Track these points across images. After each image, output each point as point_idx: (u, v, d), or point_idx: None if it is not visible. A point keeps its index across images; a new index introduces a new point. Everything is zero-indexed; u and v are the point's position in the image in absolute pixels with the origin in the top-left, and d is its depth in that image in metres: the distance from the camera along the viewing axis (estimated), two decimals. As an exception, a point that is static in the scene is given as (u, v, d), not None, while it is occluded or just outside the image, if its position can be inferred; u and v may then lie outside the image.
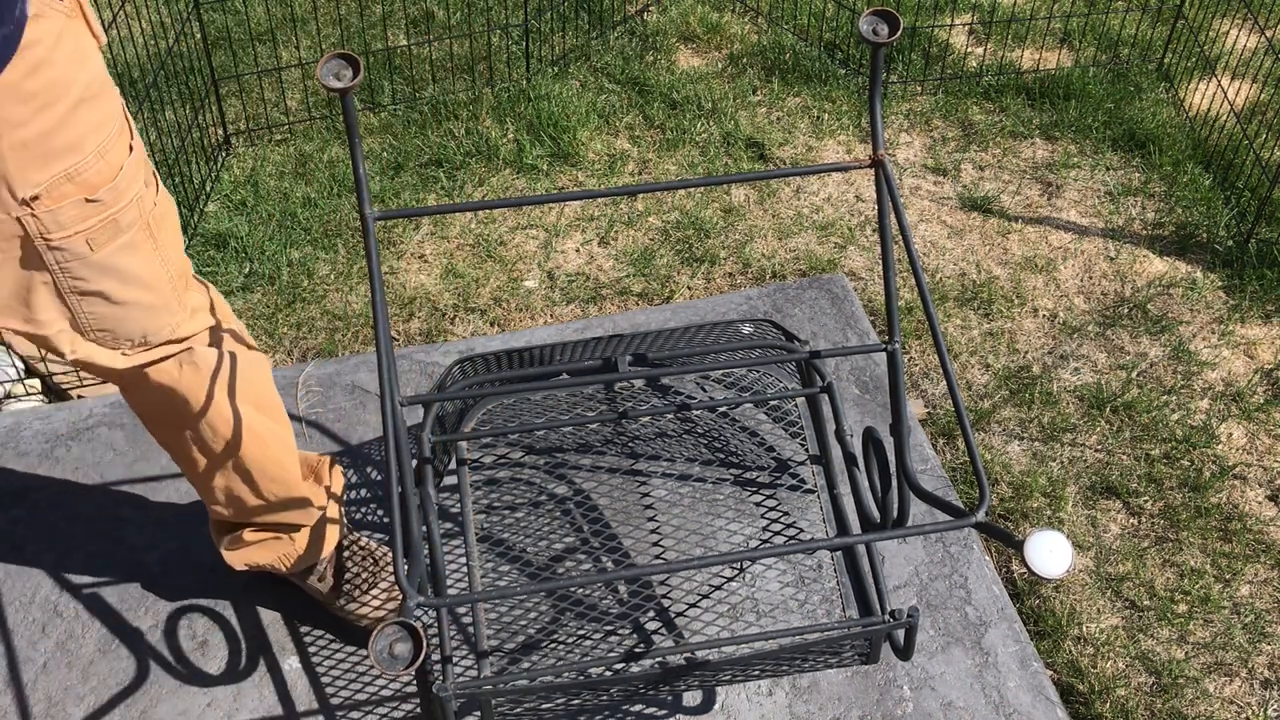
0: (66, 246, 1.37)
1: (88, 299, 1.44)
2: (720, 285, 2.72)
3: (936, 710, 1.91)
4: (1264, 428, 2.43)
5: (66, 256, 1.38)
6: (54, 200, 1.33)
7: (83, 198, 1.35)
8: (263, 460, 1.73)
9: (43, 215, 1.33)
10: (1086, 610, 2.12)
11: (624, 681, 1.44)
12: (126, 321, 1.50)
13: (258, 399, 1.73)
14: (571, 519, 1.99)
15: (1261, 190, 2.84)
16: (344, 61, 1.22)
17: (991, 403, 2.46)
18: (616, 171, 2.99)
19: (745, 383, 2.01)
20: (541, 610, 1.89)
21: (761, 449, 2.07)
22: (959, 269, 2.77)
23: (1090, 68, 3.31)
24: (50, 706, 1.88)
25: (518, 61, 3.27)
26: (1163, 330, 2.62)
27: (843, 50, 3.38)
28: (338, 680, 1.92)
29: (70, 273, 1.40)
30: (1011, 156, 3.08)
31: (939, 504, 1.36)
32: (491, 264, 2.74)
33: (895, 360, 1.47)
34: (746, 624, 1.96)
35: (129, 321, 1.50)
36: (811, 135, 3.12)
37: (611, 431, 2.06)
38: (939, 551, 2.12)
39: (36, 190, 1.31)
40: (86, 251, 1.39)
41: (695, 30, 3.45)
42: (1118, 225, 2.89)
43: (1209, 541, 2.23)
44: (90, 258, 1.40)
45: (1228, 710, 2.00)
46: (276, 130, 3.08)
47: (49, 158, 1.31)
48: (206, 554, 2.03)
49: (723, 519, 2.01)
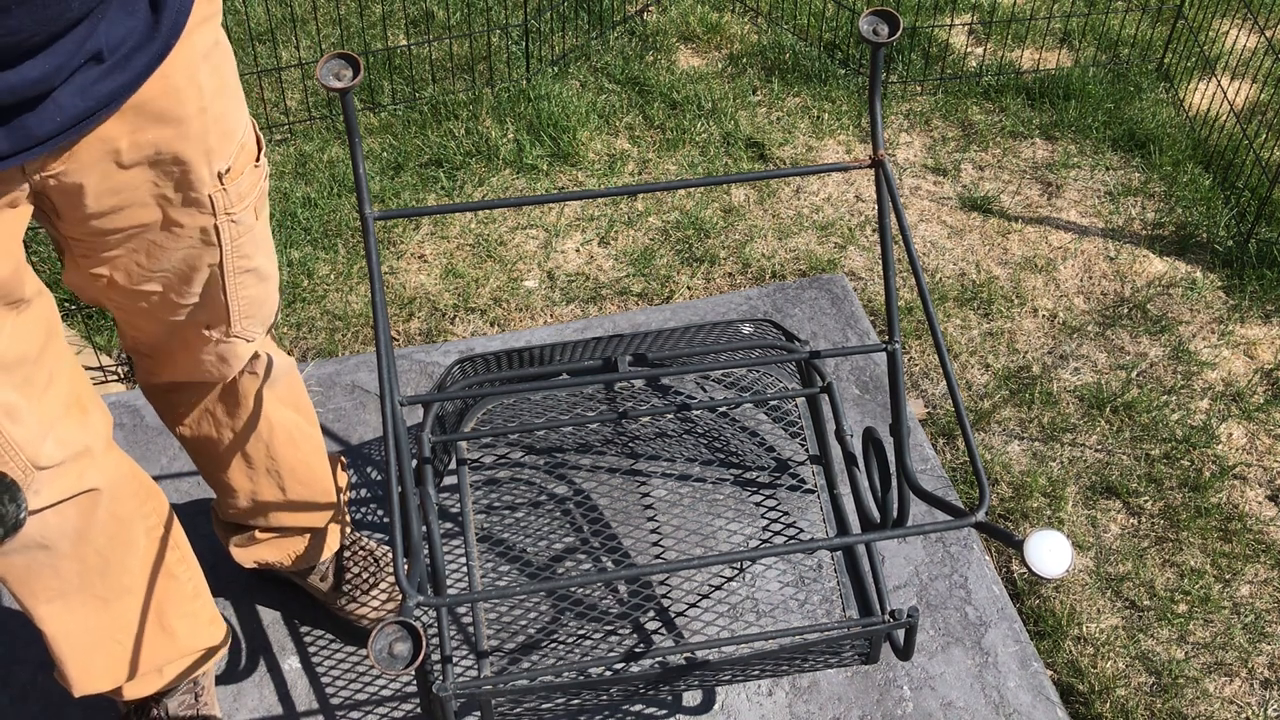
0: (241, 219, 1.37)
1: (244, 279, 1.44)
2: (720, 285, 2.72)
3: (936, 710, 1.91)
4: (1264, 428, 2.43)
5: (239, 231, 1.38)
6: (237, 171, 1.34)
7: (252, 164, 1.36)
8: (294, 463, 1.74)
9: (230, 189, 1.33)
10: (1086, 610, 2.12)
11: (624, 681, 1.44)
12: (267, 302, 1.52)
13: (297, 402, 1.74)
14: (571, 519, 1.99)
15: (1261, 190, 2.84)
16: (344, 61, 1.22)
17: (991, 403, 2.46)
18: (616, 171, 2.99)
19: (745, 383, 2.01)
20: (541, 610, 1.89)
21: (761, 449, 2.07)
22: (959, 269, 2.77)
23: (1090, 68, 3.31)
24: (48, 707, 1.88)
25: (518, 61, 3.27)
26: (1163, 330, 2.62)
27: (843, 50, 3.38)
28: (338, 680, 1.92)
29: (239, 250, 1.40)
30: (1011, 156, 3.08)
31: (939, 504, 1.36)
32: (491, 264, 2.74)
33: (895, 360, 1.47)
34: (746, 624, 1.96)
35: (269, 302, 1.52)
36: (811, 135, 3.12)
37: (611, 431, 2.06)
38: (939, 551, 2.12)
39: (229, 163, 1.31)
40: (253, 221, 1.40)
41: (695, 30, 3.45)
42: (1118, 225, 2.89)
43: (1209, 541, 2.23)
44: (254, 229, 1.41)
45: (1228, 710, 2.00)
46: (276, 130, 3.08)
47: (234, 127, 1.32)
48: (206, 553, 2.03)
49: (723, 519, 2.01)
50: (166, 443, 2.25)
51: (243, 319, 1.49)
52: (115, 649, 1.57)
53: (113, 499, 1.42)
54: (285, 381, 1.69)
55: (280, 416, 1.69)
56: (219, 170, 1.31)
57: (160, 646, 1.61)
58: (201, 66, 1.24)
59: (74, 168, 1.19)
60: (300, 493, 1.76)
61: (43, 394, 1.27)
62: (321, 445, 1.80)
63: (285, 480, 1.74)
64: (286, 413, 1.70)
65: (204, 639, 1.69)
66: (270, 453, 1.70)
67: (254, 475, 1.72)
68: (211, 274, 1.40)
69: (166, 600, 1.60)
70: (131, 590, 1.54)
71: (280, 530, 1.81)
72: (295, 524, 1.80)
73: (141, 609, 1.56)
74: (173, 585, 1.61)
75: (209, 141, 1.28)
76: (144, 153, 1.23)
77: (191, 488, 2.17)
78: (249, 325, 1.51)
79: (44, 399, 1.27)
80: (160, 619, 1.59)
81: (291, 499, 1.76)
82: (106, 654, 1.56)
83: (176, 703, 1.74)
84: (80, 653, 1.54)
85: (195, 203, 1.31)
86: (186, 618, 1.64)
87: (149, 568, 1.55)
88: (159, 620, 1.59)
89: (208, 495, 2.14)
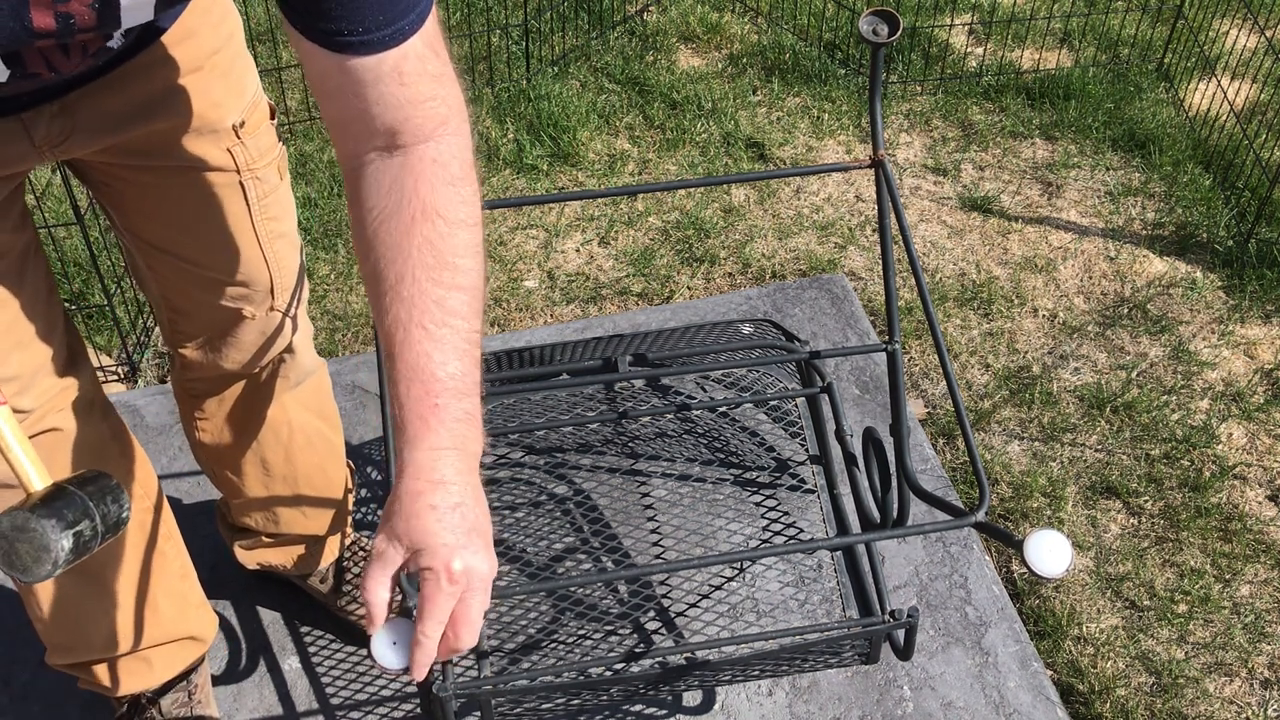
0: (264, 176, 1.39)
1: (279, 245, 1.46)
2: (720, 285, 2.72)
3: (936, 710, 1.91)
4: (1264, 428, 2.43)
5: (264, 190, 1.40)
6: (254, 125, 1.36)
7: (268, 121, 1.39)
8: (309, 469, 1.74)
9: (248, 143, 1.35)
10: (1086, 610, 2.12)
11: (624, 681, 1.44)
12: (300, 274, 1.53)
13: (321, 406, 1.74)
14: (571, 519, 1.99)
15: (1261, 190, 2.84)
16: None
17: (991, 403, 2.46)
18: (616, 171, 2.99)
19: (745, 383, 2.01)
20: (541, 610, 1.89)
21: (761, 449, 2.07)
22: (959, 269, 2.77)
23: (1090, 68, 3.31)
24: (48, 707, 1.88)
25: (518, 61, 3.27)
26: (1163, 330, 2.62)
27: (843, 50, 3.38)
28: (338, 680, 1.92)
29: (266, 212, 1.41)
30: (1011, 156, 3.08)
31: (939, 504, 1.36)
32: (491, 264, 2.74)
33: (895, 360, 1.47)
34: (746, 624, 1.96)
35: (301, 274, 1.54)
36: (811, 135, 3.12)
37: (611, 431, 2.05)
38: (939, 551, 2.12)
39: (243, 116, 1.33)
40: (277, 180, 1.42)
41: (695, 30, 3.45)
42: (1118, 225, 2.89)
43: (1209, 541, 2.23)
44: (279, 189, 1.43)
45: (1228, 710, 2.00)
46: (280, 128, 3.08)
47: (244, 82, 1.34)
48: (207, 554, 2.03)
49: (723, 519, 2.01)
50: (166, 443, 2.25)
51: (283, 291, 1.50)
52: (96, 617, 1.56)
53: (91, 451, 1.42)
54: (311, 384, 1.69)
55: (302, 420, 1.69)
56: (233, 122, 1.33)
57: (144, 623, 1.61)
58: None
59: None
60: (312, 499, 1.76)
61: (27, 346, 1.30)
62: (339, 450, 1.79)
63: (300, 486, 1.74)
64: (308, 417, 1.70)
65: (191, 624, 1.69)
66: (288, 457, 1.70)
67: (270, 482, 1.72)
68: (248, 238, 1.42)
69: (152, 576, 1.59)
70: (115, 560, 1.54)
71: (288, 536, 1.82)
72: (304, 530, 1.80)
73: (125, 580, 1.56)
74: (160, 562, 1.60)
75: (215, 95, 1.30)
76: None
77: (192, 488, 2.17)
78: (288, 299, 1.52)
79: (27, 351, 1.30)
80: (145, 593, 1.59)
81: (303, 506, 1.77)
82: (86, 622, 1.56)
83: (170, 701, 1.74)
84: (57, 618, 1.54)
85: (218, 159, 1.34)
86: (173, 597, 1.64)
87: (134, 540, 1.56)
88: (144, 595, 1.59)
89: (209, 495, 2.14)
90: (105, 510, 0.97)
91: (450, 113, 1.08)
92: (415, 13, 1.01)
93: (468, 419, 1.05)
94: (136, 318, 2.55)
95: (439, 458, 1.02)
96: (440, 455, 1.02)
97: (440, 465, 1.02)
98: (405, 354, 1.04)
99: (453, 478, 1.02)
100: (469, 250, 1.07)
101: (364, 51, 1.00)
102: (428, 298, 1.04)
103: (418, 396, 1.03)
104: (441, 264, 1.05)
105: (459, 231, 1.06)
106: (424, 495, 1.01)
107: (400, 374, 1.04)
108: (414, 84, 1.04)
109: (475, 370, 1.07)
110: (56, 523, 0.93)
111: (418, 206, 1.05)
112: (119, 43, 1.12)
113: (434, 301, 1.04)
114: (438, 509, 1.00)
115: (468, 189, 1.08)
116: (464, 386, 1.05)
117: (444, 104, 1.07)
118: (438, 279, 1.05)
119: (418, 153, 1.06)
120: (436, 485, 1.01)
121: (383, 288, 1.06)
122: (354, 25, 0.99)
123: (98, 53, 1.11)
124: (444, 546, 1.00)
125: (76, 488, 0.96)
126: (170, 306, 1.50)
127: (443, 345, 1.04)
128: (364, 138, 1.07)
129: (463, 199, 1.08)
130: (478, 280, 1.08)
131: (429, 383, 1.03)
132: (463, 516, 1.02)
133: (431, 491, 1.01)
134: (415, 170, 1.06)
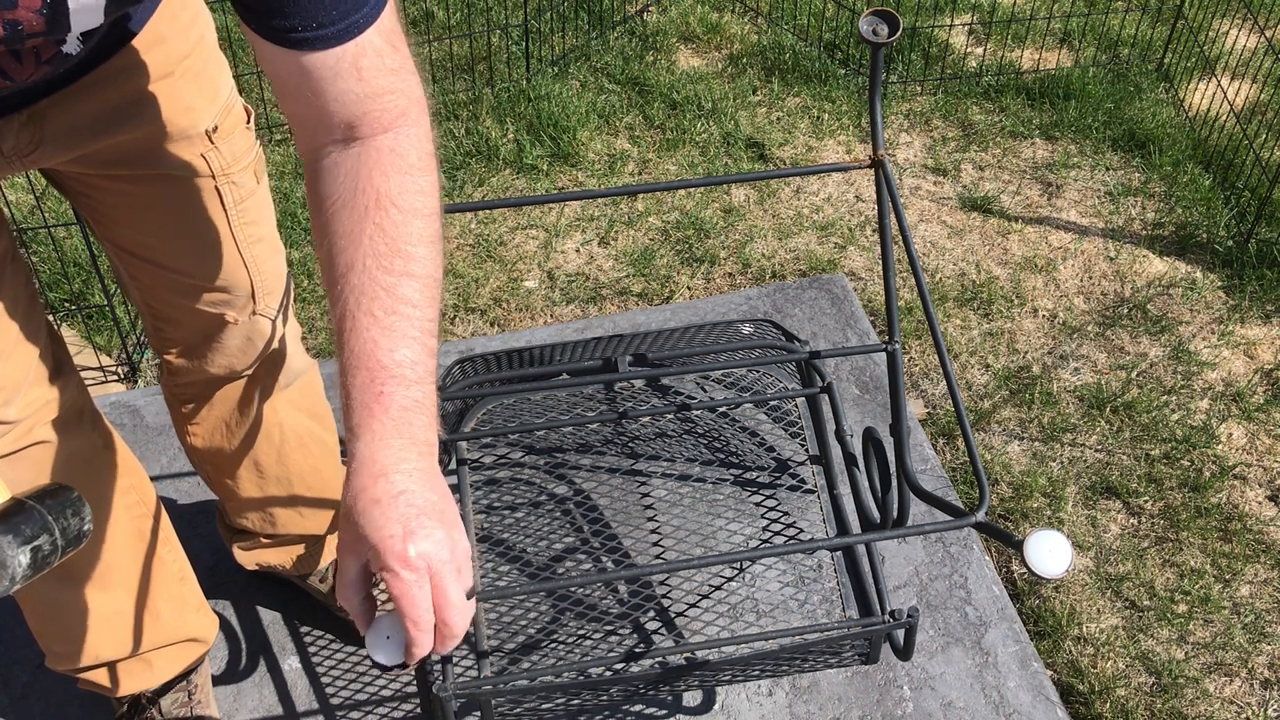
0: (241, 181, 1.38)
1: (258, 249, 1.45)
2: (720, 285, 2.72)
3: (936, 710, 1.91)
4: (1264, 428, 2.43)
5: (241, 194, 1.39)
6: (227, 130, 1.35)
7: (243, 124, 1.38)
8: (304, 470, 1.74)
9: (222, 147, 1.34)
10: (1086, 610, 2.12)
11: (624, 681, 1.44)
12: (284, 277, 1.52)
13: (312, 406, 1.73)
14: (571, 519, 1.99)
15: (1261, 190, 2.84)
16: None
17: (991, 403, 2.46)
18: (616, 171, 2.99)
19: (745, 383, 2.01)
20: (541, 610, 1.89)
21: (761, 449, 2.07)
22: (959, 269, 2.77)
23: (1090, 68, 3.31)
24: (48, 706, 1.88)
25: (518, 61, 3.27)
26: (1163, 330, 2.62)
27: (843, 50, 3.38)
28: (338, 680, 1.92)
29: (244, 216, 1.40)
30: (1011, 156, 3.08)
31: (939, 504, 1.36)
32: (491, 264, 2.74)
33: (895, 360, 1.47)
34: (746, 624, 1.96)
35: (285, 277, 1.53)
36: (811, 135, 3.12)
37: (611, 431, 2.05)
38: (939, 551, 2.12)
39: (215, 121, 1.32)
40: (254, 184, 1.41)
41: (695, 30, 3.44)
42: (1118, 225, 2.89)
43: (1209, 541, 2.23)
44: (256, 192, 1.42)
45: (1228, 710, 2.00)
46: (276, 130, 3.08)
47: (216, 86, 1.33)
48: (206, 554, 2.03)
49: (723, 519, 2.01)
50: (166, 443, 2.25)
51: (265, 294, 1.49)
52: (95, 624, 1.55)
53: (82, 462, 1.40)
54: (301, 384, 1.69)
55: (293, 421, 1.69)
56: (205, 127, 1.31)
57: (144, 628, 1.60)
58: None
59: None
60: (308, 500, 1.76)
61: (8, 356, 1.28)
62: (334, 450, 1.79)
63: (295, 487, 1.74)
64: (300, 418, 1.70)
65: (191, 626, 1.69)
66: (281, 459, 1.70)
67: (264, 484, 1.72)
68: (227, 243, 1.41)
69: (151, 581, 1.59)
70: (113, 567, 1.53)
71: (286, 537, 1.82)
72: (301, 530, 1.80)
73: (124, 588, 1.56)
74: (158, 567, 1.60)
75: (186, 99, 1.29)
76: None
77: (191, 488, 2.17)
78: (271, 302, 1.52)
79: (9, 361, 1.28)
80: (144, 599, 1.58)
81: (300, 506, 1.77)
82: (86, 629, 1.56)
83: (170, 701, 1.74)
84: (56, 627, 1.54)
85: (192, 164, 1.33)
86: (172, 600, 1.64)
87: (131, 546, 1.55)
88: (143, 600, 1.58)
89: (207, 495, 2.14)
90: (65, 524, 0.95)
91: (409, 104, 1.07)
92: (369, 6, 1.00)
93: (416, 406, 1.02)
94: (136, 318, 2.55)
95: (382, 448, 1.00)
96: (383, 445, 1.00)
97: (382, 456, 0.99)
98: (352, 341, 1.02)
99: (395, 467, 0.99)
100: (423, 239, 1.05)
101: (319, 46, 1.00)
102: (377, 285, 1.02)
103: (363, 384, 1.01)
104: (394, 251, 1.03)
105: (413, 220, 1.05)
106: (366, 491, 0.98)
107: (347, 362, 1.02)
108: (372, 79, 1.03)
109: (429, 359, 1.05)
110: (14, 539, 0.91)
111: (371, 195, 1.04)
112: (76, 48, 1.09)
113: (384, 289, 1.02)
114: (381, 502, 0.98)
115: (425, 179, 1.07)
116: (414, 374, 1.03)
117: (403, 96, 1.06)
118: (388, 266, 1.03)
119: (375, 143, 1.06)
120: (378, 478, 0.99)
121: (334, 275, 1.04)
122: (307, 20, 0.98)
123: (54, 59, 1.09)
124: (391, 538, 0.97)
125: (35, 502, 0.94)
126: (153, 313, 1.49)
127: (390, 332, 1.02)
128: (323, 132, 1.06)
129: (420, 189, 1.07)
130: (433, 269, 1.06)
131: (375, 370, 1.01)
132: (408, 503, 0.98)
133: (374, 486, 0.98)
134: (371, 160, 1.05)
